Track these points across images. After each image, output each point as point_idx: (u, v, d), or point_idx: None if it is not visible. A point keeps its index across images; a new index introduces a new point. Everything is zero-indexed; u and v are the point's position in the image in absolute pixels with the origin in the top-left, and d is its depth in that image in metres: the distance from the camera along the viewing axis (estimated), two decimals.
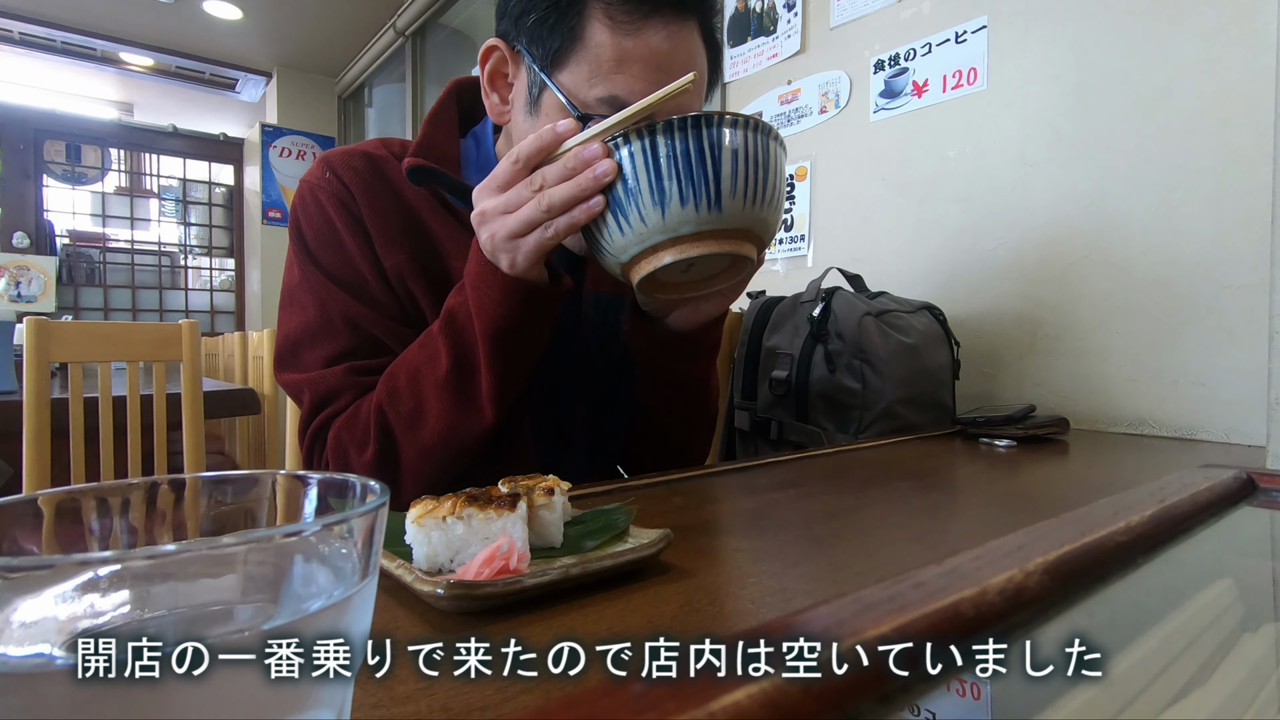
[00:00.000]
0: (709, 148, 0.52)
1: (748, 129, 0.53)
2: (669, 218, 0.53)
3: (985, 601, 0.23)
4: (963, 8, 1.27)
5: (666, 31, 0.60)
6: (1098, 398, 1.09)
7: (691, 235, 0.54)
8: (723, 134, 0.53)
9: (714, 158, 0.52)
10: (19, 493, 0.23)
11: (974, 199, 1.26)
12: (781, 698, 0.16)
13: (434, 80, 3.61)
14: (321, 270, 0.67)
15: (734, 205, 0.53)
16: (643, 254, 0.55)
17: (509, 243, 0.56)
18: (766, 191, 0.55)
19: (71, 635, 0.18)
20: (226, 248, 5.13)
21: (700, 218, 0.53)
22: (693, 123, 0.52)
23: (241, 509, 0.25)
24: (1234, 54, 0.95)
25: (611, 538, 0.42)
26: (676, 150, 0.52)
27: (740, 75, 1.73)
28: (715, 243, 0.54)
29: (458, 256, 0.69)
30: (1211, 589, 0.39)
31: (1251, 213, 0.94)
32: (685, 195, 0.52)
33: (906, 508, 0.59)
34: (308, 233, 0.68)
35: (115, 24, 3.85)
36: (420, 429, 0.62)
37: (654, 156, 0.52)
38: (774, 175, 0.55)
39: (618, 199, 0.54)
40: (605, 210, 0.54)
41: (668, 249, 0.54)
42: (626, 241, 0.55)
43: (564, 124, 0.55)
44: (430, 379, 0.61)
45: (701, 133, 0.52)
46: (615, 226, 0.55)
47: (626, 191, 0.53)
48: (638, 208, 0.53)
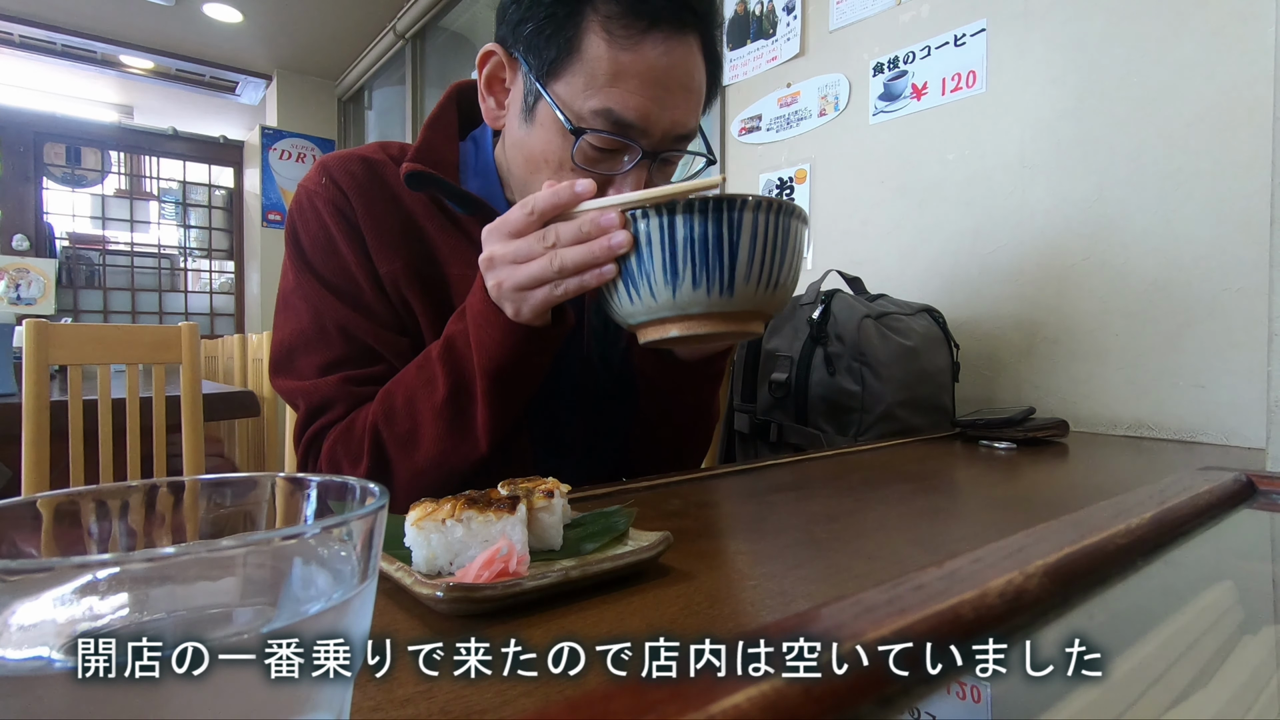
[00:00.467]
0: (727, 232, 0.51)
1: (769, 212, 0.52)
2: (679, 297, 0.52)
3: (985, 604, 0.23)
4: (962, 11, 1.28)
5: (665, 46, 0.60)
6: (1097, 400, 1.09)
7: (701, 315, 0.53)
8: (743, 218, 0.51)
9: (731, 242, 0.51)
10: (18, 495, 0.23)
11: (973, 202, 1.26)
12: (781, 700, 0.16)
13: (434, 83, 3.61)
14: (317, 277, 0.67)
15: (747, 290, 0.52)
16: (650, 323, 0.55)
17: (516, 293, 0.55)
18: (782, 275, 0.54)
19: (70, 638, 0.18)
20: (226, 250, 5.13)
21: (711, 301, 0.52)
22: (714, 205, 0.51)
23: (241, 512, 0.25)
24: (1233, 57, 0.95)
25: (611, 540, 0.42)
26: (694, 233, 0.51)
27: (739, 78, 1.73)
28: (724, 323, 0.53)
29: (454, 263, 0.69)
30: (1211, 591, 0.39)
31: (1251, 216, 0.94)
32: (698, 279, 0.51)
33: (906, 510, 0.59)
34: (304, 239, 0.68)
35: (115, 27, 3.86)
36: (414, 451, 0.62)
37: (670, 236, 0.51)
38: (792, 256, 0.54)
39: (629, 269, 0.53)
40: (617, 277, 0.53)
41: (675, 324, 0.54)
42: (634, 310, 0.54)
43: (583, 184, 0.53)
44: (426, 404, 0.61)
45: (721, 216, 0.51)
46: (624, 294, 0.54)
47: (639, 264, 0.52)
48: (649, 283, 0.52)
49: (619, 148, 0.62)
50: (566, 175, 0.63)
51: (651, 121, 0.61)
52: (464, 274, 0.69)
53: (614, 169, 0.63)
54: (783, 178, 1.62)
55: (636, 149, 0.62)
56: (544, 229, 0.54)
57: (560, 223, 0.53)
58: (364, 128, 4.50)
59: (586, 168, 0.62)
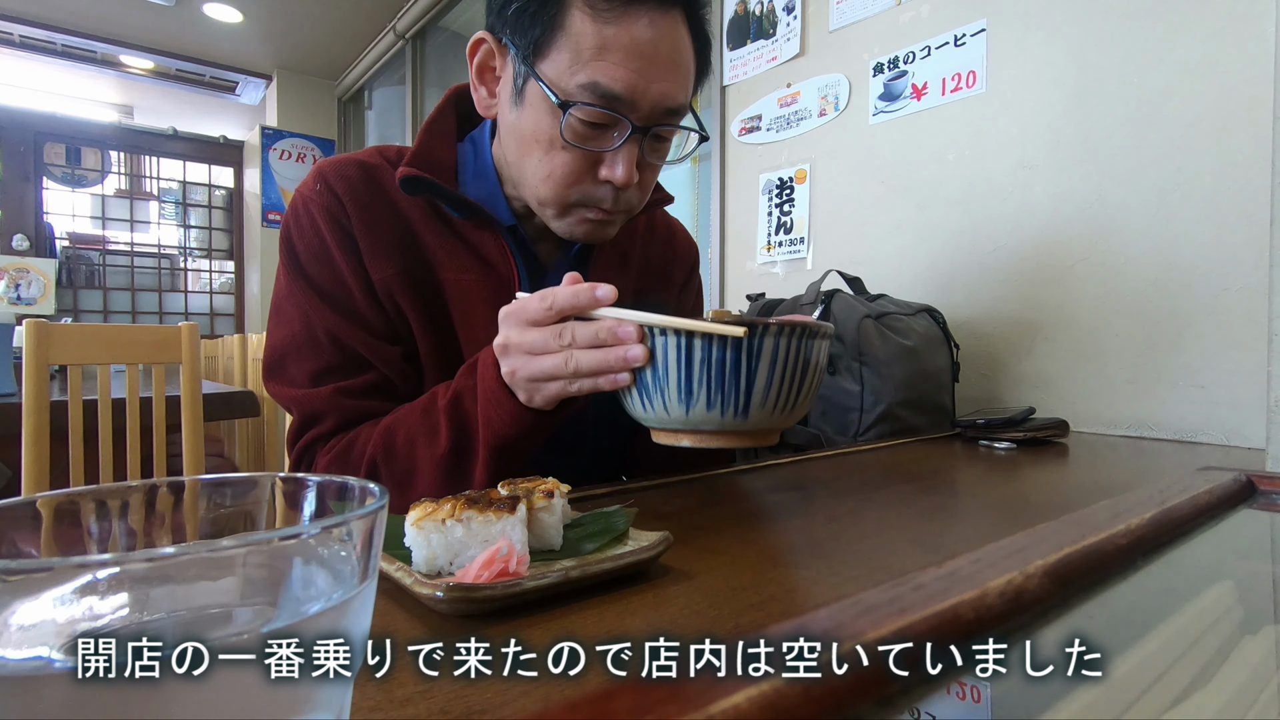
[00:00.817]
0: (746, 359, 0.50)
1: (791, 338, 0.50)
2: (693, 415, 0.52)
3: (985, 604, 0.23)
4: (962, 11, 1.28)
5: (648, 19, 0.60)
6: (1097, 400, 1.09)
7: (714, 432, 0.53)
8: (763, 345, 0.50)
9: (749, 369, 0.50)
10: (18, 495, 0.23)
11: (973, 202, 1.26)
12: (781, 700, 0.16)
13: (434, 83, 3.61)
14: (309, 284, 0.67)
15: (762, 414, 0.52)
16: (662, 430, 0.55)
17: (530, 383, 0.55)
18: (800, 397, 0.53)
19: (70, 638, 0.18)
20: (226, 250, 5.13)
21: (725, 421, 0.51)
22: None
23: (241, 511, 0.25)
24: (1233, 57, 0.95)
25: (611, 540, 0.42)
26: (712, 357, 0.49)
27: (739, 78, 1.73)
28: (738, 440, 0.53)
29: (449, 268, 0.69)
30: (1211, 592, 0.39)
31: (1250, 215, 0.94)
32: (713, 401, 0.51)
33: (906, 510, 0.59)
34: (298, 245, 0.68)
35: (115, 27, 3.86)
36: (409, 491, 0.62)
37: (687, 357, 0.50)
38: (812, 378, 0.54)
39: (644, 380, 0.52)
40: (631, 385, 0.53)
41: (687, 436, 0.54)
42: (647, 416, 0.54)
43: (604, 290, 0.52)
44: (426, 452, 0.61)
45: (741, 343, 0.49)
46: (638, 402, 0.54)
47: (654, 378, 0.51)
48: (663, 397, 0.52)
49: (608, 122, 0.62)
50: (558, 154, 0.63)
51: (638, 94, 0.61)
52: (459, 279, 0.69)
53: (604, 145, 0.63)
54: (782, 178, 1.62)
55: (625, 123, 0.62)
56: (561, 325, 0.53)
57: (578, 322, 0.53)
58: (364, 128, 4.50)
59: (577, 144, 0.62)
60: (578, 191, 0.65)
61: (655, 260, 0.86)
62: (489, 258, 0.71)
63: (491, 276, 0.70)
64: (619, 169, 0.63)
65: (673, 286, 0.88)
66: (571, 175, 0.64)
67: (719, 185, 1.79)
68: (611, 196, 0.65)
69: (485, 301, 0.69)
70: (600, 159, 0.64)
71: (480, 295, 0.69)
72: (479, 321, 0.69)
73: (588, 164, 0.64)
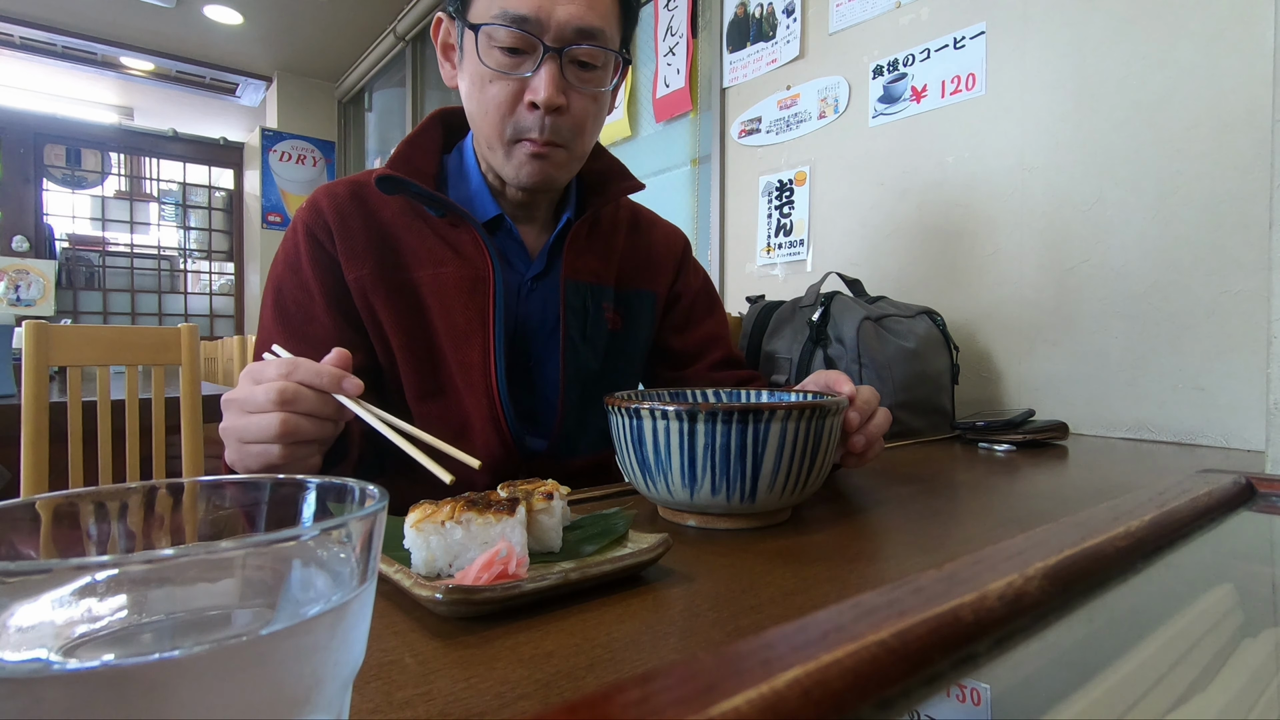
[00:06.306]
0: (751, 443, 0.47)
1: (800, 420, 0.48)
2: (697, 499, 0.50)
3: (985, 606, 0.23)
4: (961, 13, 1.28)
5: None
6: (1097, 402, 1.09)
7: (720, 514, 0.52)
8: (769, 429, 0.47)
9: (756, 454, 0.47)
10: (17, 497, 0.23)
11: (973, 204, 1.26)
12: (780, 702, 0.16)
13: (434, 85, 3.61)
14: (275, 299, 0.71)
15: (770, 498, 0.50)
16: (667, 508, 0.55)
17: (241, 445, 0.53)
18: (811, 477, 0.51)
19: (69, 640, 0.18)
20: (226, 252, 5.13)
21: (731, 505, 0.50)
22: (738, 416, 0.47)
23: (240, 513, 0.25)
24: (1232, 60, 0.95)
25: (610, 542, 0.42)
26: (715, 441, 0.47)
27: (739, 80, 1.73)
28: (744, 521, 0.52)
29: (425, 264, 0.73)
30: (1211, 594, 0.39)
31: (1250, 218, 0.94)
32: (718, 486, 0.48)
33: (906, 512, 0.59)
34: (279, 258, 0.74)
35: (116, 28, 3.86)
36: None
37: (690, 441, 0.48)
38: (823, 458, 0.51)
39: (647, 461, 0.50)
40: (636, 465, 0.52)
41: (693, 516, 0.53)
42: (651, 495, 0.53)
43: (351, 382, 0.51)
44: None
45: (746, 428, 0.47)
46: (642, 482, 0.52)
47: (658, 461, 0.49)
48: (665, 480, 0.50)
49: (522, 45, 0.67)
50: (488, 88, 0.68)
51: (545, 13, 0.65)
52: (436, 273, 0.73)
53: (525, 70, 0.68)
54: (782, 180, 1.62)
55: (537, 43, 0.66)
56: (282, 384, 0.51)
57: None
58: (364, 130, 4.50)
59: (502, 72, 0.67)
60: (511, 124, 0.69)
61: (640, 249, 0.88)
62: (465, 252, 0.74)
63: (467, 269, 0.73)
64: (541, 90, 0.67)
65: (662, 275, 0.89)
66: (503, 104, 0.68)
67: (719, 187, 1.80)
68: (540, 124, 0.69)
69: (462, 291, 0.72)
70: (524, 85, 0.68)
71: (457, 286, 0.73)
72: (455, 309, 0.72)
73: (515, 91, 0.68)
